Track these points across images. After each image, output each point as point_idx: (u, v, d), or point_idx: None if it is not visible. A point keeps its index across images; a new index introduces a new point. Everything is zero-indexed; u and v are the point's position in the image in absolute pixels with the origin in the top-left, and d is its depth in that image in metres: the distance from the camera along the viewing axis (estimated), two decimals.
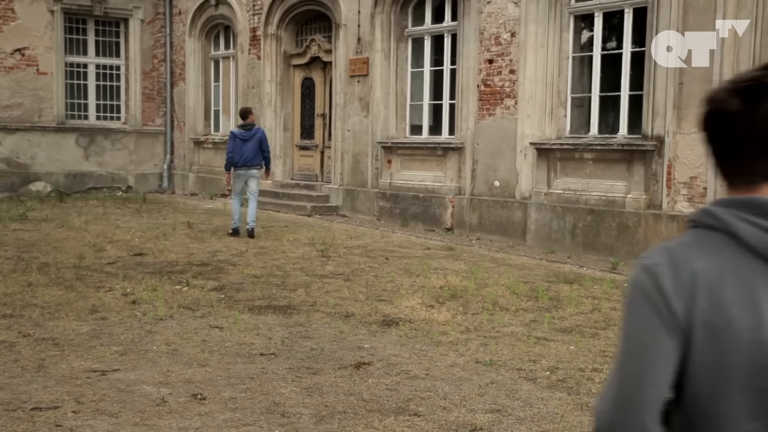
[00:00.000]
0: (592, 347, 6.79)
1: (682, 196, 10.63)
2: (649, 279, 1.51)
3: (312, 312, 7.89)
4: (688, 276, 1.47)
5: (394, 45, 15.30)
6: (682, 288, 1.47)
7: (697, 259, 1.49)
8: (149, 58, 21.39)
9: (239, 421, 4.90)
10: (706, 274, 1.46)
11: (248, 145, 12.92)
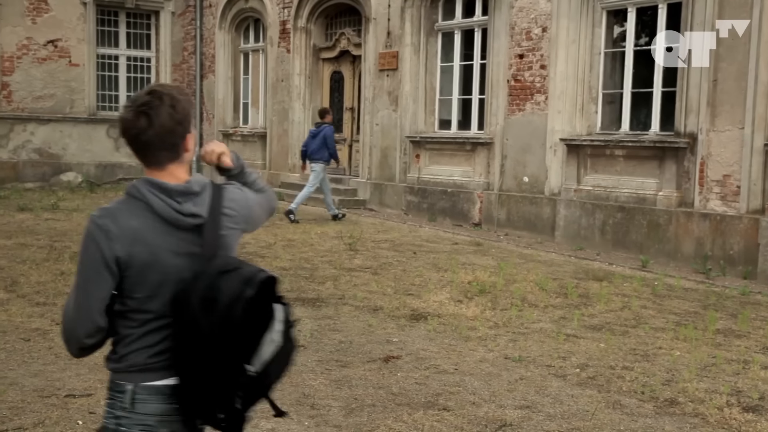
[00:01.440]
0: (622, 345, 6.73)
1: (714, 194, 10.51)
2: (97, 229, 2.32)
3: (340, 305, 7.89)
4: (127, 229, 2.30)
5: (423, 39, 15.26)
6: (124, 237, 2.30)
7: (132, 218, 2.32)
8: (179, 50, 21.51)
9: (269, 412, 4.88)
10: (140, 229, 2.31)
11: (315, 141, 14.04)
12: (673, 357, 6.40)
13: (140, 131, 2.33)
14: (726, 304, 8.55)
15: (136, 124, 2.33)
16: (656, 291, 8.99)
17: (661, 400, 5.39)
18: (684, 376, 5.88)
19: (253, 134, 20.05)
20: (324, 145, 14.00)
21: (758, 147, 9.96)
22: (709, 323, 7.45)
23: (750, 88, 10.01)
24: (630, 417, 5.05)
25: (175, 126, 2.36)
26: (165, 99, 2.34)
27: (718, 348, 6.72)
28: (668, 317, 7.79)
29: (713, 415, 5.09)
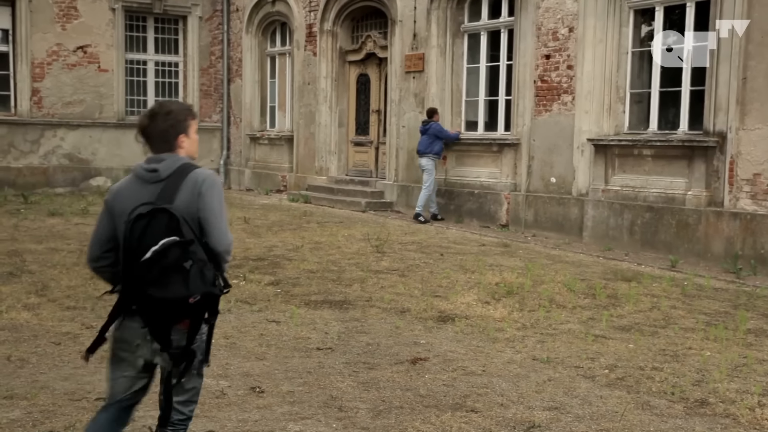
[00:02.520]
0: (651, 345, 6.68)
1: (744, 193, 10.39)
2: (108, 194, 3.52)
3: (368, 307, 7.91)
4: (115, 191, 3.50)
5: (450, 41, 15.24)
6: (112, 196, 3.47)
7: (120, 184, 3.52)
8: (207, 54, 21.67)
9: (297, 415, 4.94)
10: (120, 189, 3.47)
11: (423, 138, 14.63)
12: (704, 357, 6.34)
13: (150, 130, 3.50)
14: (757, 303, 8.45)
15: (148, 125, 3.50)
16: (686, 291, 8.91)
17: (692, 400, 5.34)
18: (714, 376, 5.82)
19: (280, 137, 20.14)
20: (434, 140, 14.52)
21: None
22: (740, 323, 7.37)
23: None
24: (660, 418, 5.01)
25: (168, 128, 3.49)
26: (163, 109, 3.52)
27: (749, 348, 6.65)
28: (698, 317, 7.72)
29: (744, 416, 5.03)
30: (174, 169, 3.41)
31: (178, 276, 3.19)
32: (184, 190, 3.35)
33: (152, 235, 3.19)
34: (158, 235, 3.19)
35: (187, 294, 3.20)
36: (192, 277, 3.21)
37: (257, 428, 4.68)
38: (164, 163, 3.42)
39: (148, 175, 3.41)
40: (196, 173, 3.43)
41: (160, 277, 3.17)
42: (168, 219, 3.23)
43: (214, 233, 3.37)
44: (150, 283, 3.18)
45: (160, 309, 3.22)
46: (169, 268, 3.18)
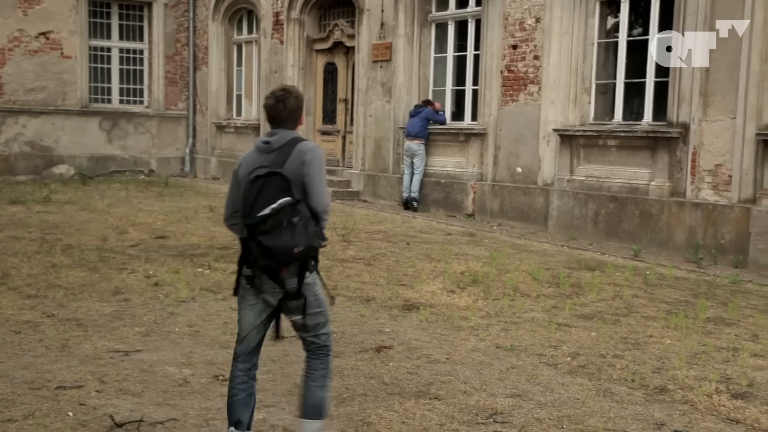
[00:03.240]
0: (613, 333, 6.76)
1: (706, 184, 10.53)
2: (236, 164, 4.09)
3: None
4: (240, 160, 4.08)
5: (417, 30, 15.23)
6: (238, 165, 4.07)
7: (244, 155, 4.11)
8: (172, 42, 21.45)
9: (260, 403, 4.92)
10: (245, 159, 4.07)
11: (414, 120, 14.64)
12: (664, 345, 6.43)
13: (278, 112, 4.05)
14: (717, 292, 8.58)
15: (276, 107, 4.05)
16: (648, 280, 9.02)
17: (651, 387, 5.41)
18: (674, 363, 5.91)
19: (247, 126, 20.01)
20: (425, 124, 14.59)
21: (750, 136, 9.99)
22: (700, 312, 7.48)
23: (742, 78, 10.02)
24: (620, 404, 5.07)
25: (294, 108, 4.08)
26: (292, 94, 4.10)
27: (708, 336, 6.75)
28: (659, 306, 7.82)
29: (702, 402, 5.11)
30: (285, 141, 4.02)
31: (287, 229, 3.78)
32: (292, 157, 3.96)
33: (267, 193, 3.80)
34: (272, 193, 3.80)
35: (293, 244, 3.79)
36: (298, 230, 3.80)
37: (220, 416, 4.66)
38: (276, 137, 4.04)
39: (264, 146, 4.04)
40: (302, 144, 4.02)
41: (272, 229, 3.77)
42: (281, 180, 3.83)
43: (315, 195, 3.94)
44: (263, 234, 3.77)
45: (270, 256, 3.81)
46: (280, 222, 3.77)
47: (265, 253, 3.82)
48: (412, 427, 4.60)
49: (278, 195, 3.80)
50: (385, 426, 4.60)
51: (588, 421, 4.75)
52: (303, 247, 3.82)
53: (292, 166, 3.93)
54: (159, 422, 4.53)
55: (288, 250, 3.80)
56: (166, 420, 4.57)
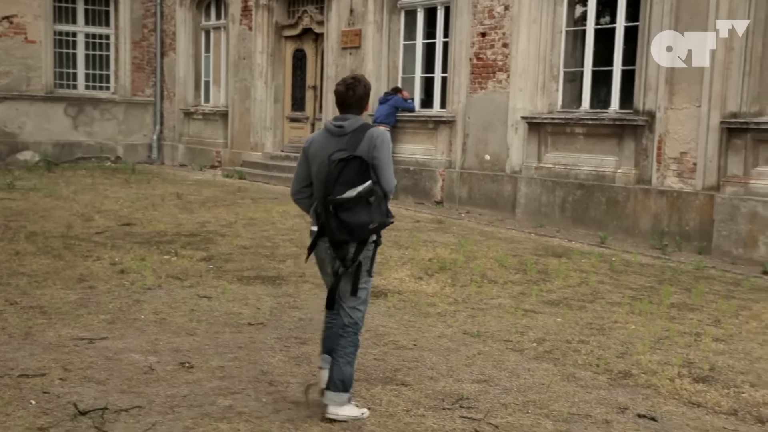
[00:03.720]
0: (579, 319, 6.82)
1: (671, 171, 10.64)
2: (305, 143, 4.63)
3: (301, 283, 7.89)
4: (310, 140, 4.62)
5: (386, 17, 15.19)
6: (308, 144, 4.60)
7: (314, 135, 4.64)
8: (139, 27, 21.21)
9: (227, 389, 4.91)
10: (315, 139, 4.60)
11: (382, 107, 14.58)
12: (628, 330, 6.50)
13: (348, 98, 4.51)
14: (681, 278, 8.69)
15: (347, 93, 4.51)
16: (613, 267, 9.11)
17: (615, 372, 5.47)
18: (638, 348, 5.97)
19: (215, 113, 19.87)
20: (393, 112, 14.57)
21: (714, 124, 10.10)
22: (664, 297, 7.57)
23: (707, 66, 10.12)
24: (584, 389, 5.12)
25: (362, 95, 4.52)
26: (361, 82, 4.54)
27: (671, 321, 6.83)
28: (624, 292, 7.90)
29: (665, 386, 5.18)
30: (356, 126, 4.46)
31: (365, 207, 4.32)
32: (364, 142, 4.41)
33: (348, 174, 4.30)
34: (352, 174, 4.31)
35: (369, 221, 4.33)
36: (373, 209, 4.34)
37: (186, 403, 4.64)
38: (348, 122, 4.48)
39: (336, 130, 4.48)
40: (372, 131, 4.48)
41: (352, 207, 4.29)
42: (359, 163, 4.32)
43: (385, 177, 4.42)
44: (344, 211, 4.29)
45: (349, 230, 4.32)
46: (360, 201, 4.30)
47: (343, 227, 4.33)
48: (378, 413, 4.61)
49: (357, 176, 4.31)
50: None
51: (553, 406, 4.79)
52: (377, 224, 4.37)
53: (363, 149, 4.39)
54: (123, 410, 4.50)
55: (364, 226, 4.34)
56: (131, 407, 4.54)
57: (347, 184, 4.29)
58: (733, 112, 9.95)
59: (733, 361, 5.78)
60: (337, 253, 4.44)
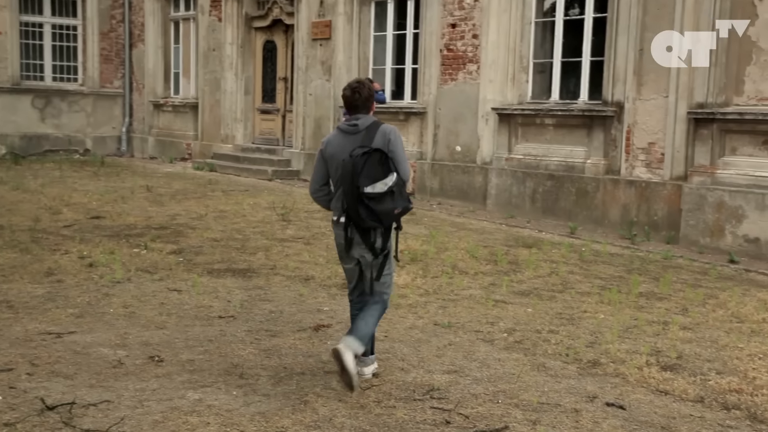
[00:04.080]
0: (549, 309, 6.86)
1: (640, 162, 10.73)
2: (321, 145, 5.02)
3: (272, 275, 7.87)
4: (326, 141, 5.01)
5: (357, 8, 15.16)
6: (324, 145, 4.99)
7: (329, 137, 5.03)
8: (107, 18, 20.98)
9: (197, 383, 4.89)
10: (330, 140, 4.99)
11: None
12: (597, 320, 6.56)
13: (354, 100, 4.92)
14: (649, 268, 8.78)
15: (353, 96, 4.92)
16: (583, 257, 9.18)
17: (585, 361, 5.52)
18: (607, 338, 6.03)
19: (185, 104, 19.73)
20: None
21: (681, 115, 10.20)
22: (633, 287, 7.65)
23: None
24: (554, 378, 5.16)
25: (368, 97, 4.96)
26: (365, 86, 4.96)
27: (640, 310, 6.91)
28: (594, 282, 7.97)
29: (633, 375, 5.23)
30: (369, 123, 4.91)
31: (389, 196, 4.76)
32: (377, 137, 4.84)
33: (370, 166, 4.71)
34: (374, 166, 4.72)
35: (393, 207, 4.77)
36: (396, 196, 4.78)
37: (155, 397, 4.62)
38: (361, 120, 4.91)
39: (350, 128, 4.92)
40: (384, 127, 4.94)
41: (379, 197, 4.73)
42: (380, 155, 4.75)
43: (401, 168, 4.86)
44: (372, 200, 4.71)
45: (377, 218, 4.75)
46: (385, 191, 4.75)
47: (373, 215, 4.75)
48: (349, 405, 4.61)
49: (379, 167, 4.74)
50: (322, 404, 4.61)
51: (523, 396, 4.83)
52: (401, 209, 4.82)
53: (378, 144, 4.82)
54: (92, 404, 4.47)
55: (391, 212, 4.78)
56: (100, 402, 4.51)
57: (370, 176, 4.71)
58: (699, 103, 10.05)
59: (700, 349, 5.85)
60: (365, 240, 4.88)
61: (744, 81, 9.83)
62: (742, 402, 4.83)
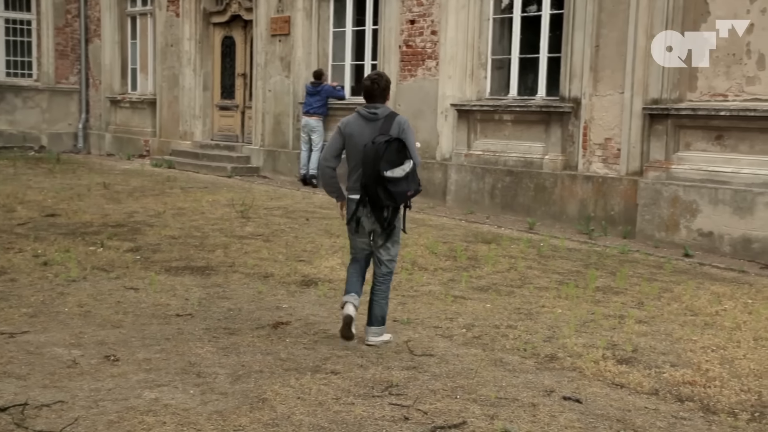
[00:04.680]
0: (507, 305, 6.91)
1: (597, 157, 10.85)
2: (340, 124, 5.72)
3: (230, 273, 7.82)
4: (345, 122, 5.70)
5: (315, 4, 15.11)
6: (344, 125, 5.68)
7: (348, 118, 5.72)
8: (62, 12, 20.68)
9: (153, 382, 4.84)
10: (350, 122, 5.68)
11: (313, 98, 14.62)
12: (555, 315, 6.62)
13: (374, 90, 5.59)
14: (606, 262, 8.88)
15: (372, 87, 5.59)
16: (541, 252, 9.26)
17: (542, 356, 5.57)
18: (564, 332, 6.09)
19: (143, 101, 19.52)
20: (325, 101, 14.64)
21: (637, 111, 10.32)
22: (590, 281, 7.73)
23: (629, 54, 10.34)
24: (512, 373, 5.20)
25: (386, 87, 5.64)
26: (383, 77, 5.66)
27: (597, 305, 6.98)
28: (552, 277, 8.04)
29: (589, 368, 5.29)
30: (387, 113, 5.63)
31: (404, 179, 5.50)
32: (393, 126, 5.56)
33: (390, 153, 5.43)
34: (394, 153, 5.45)
35: (407, 189, 5.54)
36: (410, 179, 5.53)
37: (110, 397, 4.56)
38: (380, 109, 5.63)
39: (370, 115, 5.62)
40: (399, 117, 5.65)
41: (396, 181, 5.46)
42: (398, 144, 5.47)
43: (413, 154, 5.57)
44: (390, 182, 5.45)
45: (393, 198, 5.51)
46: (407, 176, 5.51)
47: (389, 195, 5.49)
48: (307, 402, 4.59)
49: (397, 154, 5.46)
50: (280, 402, 4.58)
51: (481, 391, 4.85)
52: (413, 191, 5.59)
53: (394, 132, 5.53)
54: (45, 405, 4.39)
55: (404, 193, 5.53)
56: (53, 402, 4.44)
57: (390, 162, 5.42)
58: (654, 99, 10.19)
59: (655, 342, 5.93)
60: (377, 216, 5.61)
61: (697, 77, 9.98)
62: (696, 394, 4.91)
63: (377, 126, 5.54)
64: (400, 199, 5.54)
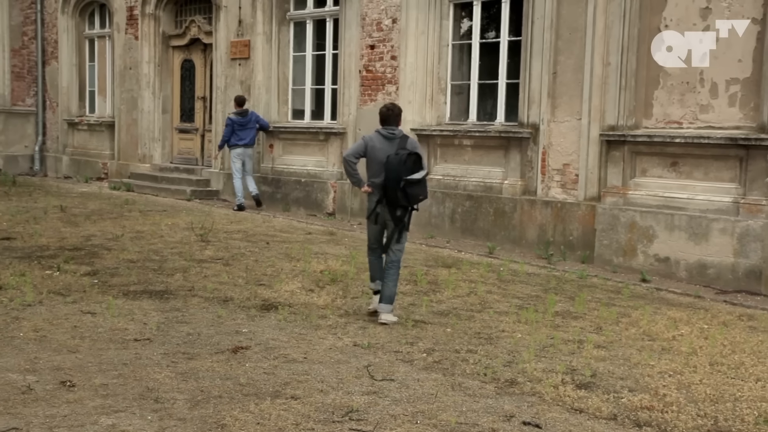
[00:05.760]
0: (467, 329, 6.94)
1: (555, 183, 10.97)
2: (363, 139, 7.42)
3: (189, 297, 7.75)
4: (369, 137, 7.33)
5: (276, 28, 15.14)
6: (368, 139, 7.31)
7: (371, 135, 7.34)
8: (18, 35, 20.46)
9: (110, 408, 4.77)
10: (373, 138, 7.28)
11: (248, 131, 14.69)
12: (515, 339, 6.66)
13: (390, 116, 7.20)
14: (565, 287, 8.96)
15: (389, 113, 7.20)
16: (501, 276, 9.32)
17: (502, 380, 5.59)
18: (524, 357, 6.12)
19: (101, 123, 19.33)
20: (256, 131, 14.82)
21: (594, 137, 10.48)
22: (549, 306, 7.79)
23: (586, 81, 10.52)
24: (472, 398, 5.21)
25: (398, 114, 7.29)
26: (396, 106, 7.33)
27: (556, 329, 7.04)
28: (512, 301, 8.09)
29: (549, 393, 5.32)
30: (401, 134, 7.18)
31: (421, 186, 7.02)
32: (409, 144, 7.11)
33: (410, 164, 6.91)
34: (413, 164, 6.92)
35: (420, 193, 7.03)
36: (423, 186, 7.04)
37: (66, 423, 4.48)
38: (397, 130, 7.17)
39: (390, 135, 7.13)
40: (410, 138, 7.36)
41: (414, 186, 6.94)
42: (416, 157, 6.98)
43: (425, 166, 7.01)
44: (410, 186, 6.91)
45: (409, 199, 6.99)
46: (419, 182, 6.97)
47: (407, 197, 6.94)
48: (267, 428, 4.56)
49: (414, 165, 6.92)
50: (240, 427, 4.54)
51: (441, 416, 4.85)
52: (424, 196, 7.06)
53: (410, 147, 7.03)
54: None
55: (418, 196, 7.01)
56: (7, 429, 4.35)
57: (409, 169, 6.89)
58: (611, 125, 10.35)
59: (614, 367, 5.99)
60: (392, 213, 7.04)
61: (652, 104, 10.18)
62: (653, 419, 4.96)
63: (395, 143, 7.04)
64: (413, 201, 6.98)
